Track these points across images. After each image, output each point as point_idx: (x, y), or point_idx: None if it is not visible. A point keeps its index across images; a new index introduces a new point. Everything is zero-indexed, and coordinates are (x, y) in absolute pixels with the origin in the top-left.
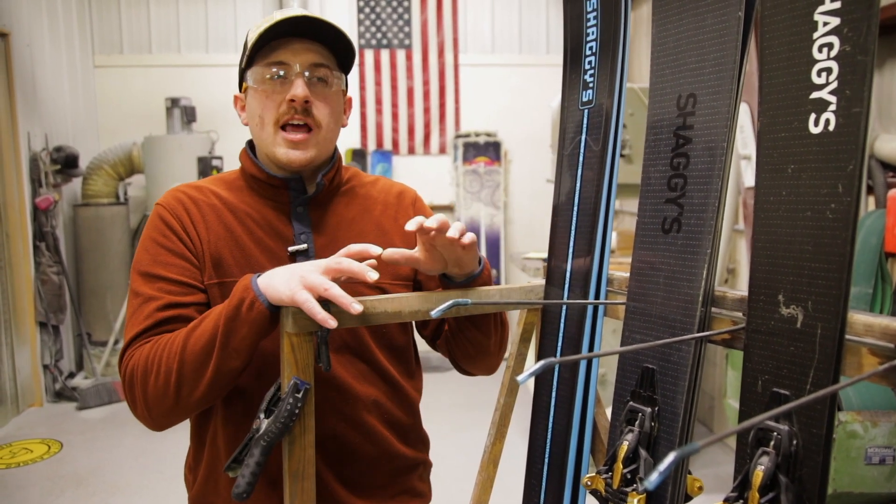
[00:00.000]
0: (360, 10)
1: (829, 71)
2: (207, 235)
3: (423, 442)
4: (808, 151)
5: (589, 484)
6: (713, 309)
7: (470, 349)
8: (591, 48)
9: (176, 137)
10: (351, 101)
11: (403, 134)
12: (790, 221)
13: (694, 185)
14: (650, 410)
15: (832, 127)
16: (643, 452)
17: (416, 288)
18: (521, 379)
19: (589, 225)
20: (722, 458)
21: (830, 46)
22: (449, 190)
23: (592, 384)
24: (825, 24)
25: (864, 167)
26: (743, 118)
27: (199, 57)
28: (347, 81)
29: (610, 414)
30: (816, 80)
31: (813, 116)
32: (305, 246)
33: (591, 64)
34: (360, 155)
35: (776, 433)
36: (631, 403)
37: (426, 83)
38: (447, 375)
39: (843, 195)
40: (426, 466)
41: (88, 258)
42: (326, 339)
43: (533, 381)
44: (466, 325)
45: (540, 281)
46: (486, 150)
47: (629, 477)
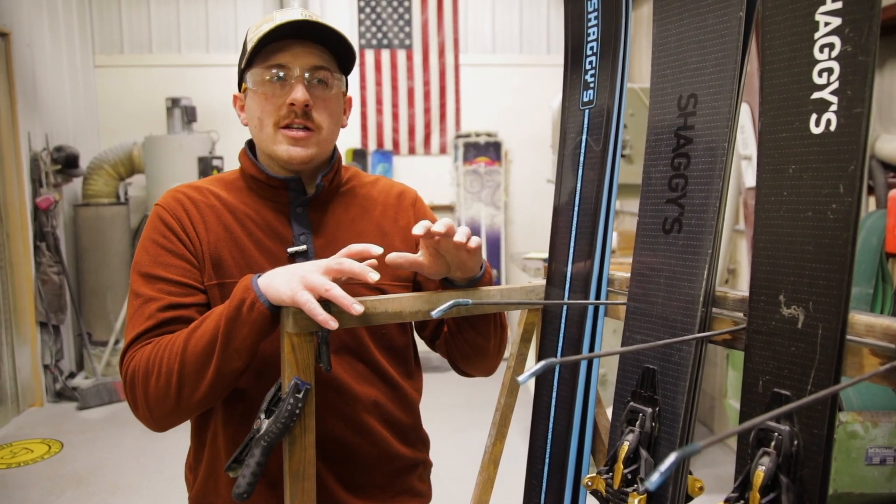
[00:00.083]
0: (360, 10)
1: (830, 71)
2: (207, 236)
3: (423, 442)
4: (809, 152)
5: (590, 484)
6: (714, 309)
7: (468, 351)
8: (591, 48)
9: (176, 137)
10: (351, 100)
11: (404, 134)
12: (791, 222)
13: (695, 185)
14: (651, 411)
15: (833, 127)
16: (644, 453)
17: (415, 289)
18: (521, 379)
19: (590, 225)
20: (722, 458)
21: (832, 47)
22: (449, 190)
23: (593, 384)
24: (826, 24)
25: (865, 167)
26: (744, 118)
27: (199, 57)
28: (348, 82)
29: (611, 414)
30: (817, 80)
31: (814, 117)
32: (305, 247)
33: (591, 64)
34: (360, 155)
35: (777, 434)
36: (632, 404)
37: (427, 83)
38: (447, 375)
39: (844, 195)
40: (426, 466)
41: (89, 258)
42: (327, 339)
43: (533, 381)
44: (465, 326)
45: (541, 281)
46: (486, 150)
47: (630, 477)
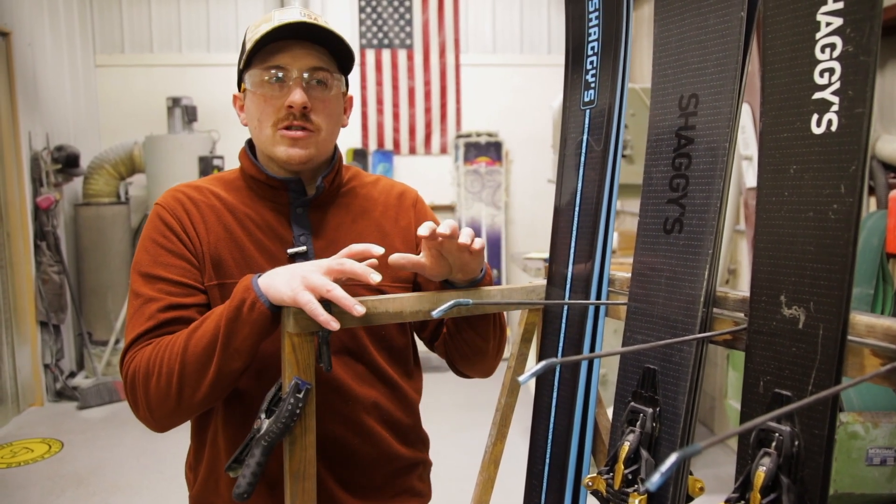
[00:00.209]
0: (361, 9)
1: (831, 71)
2: (207, 237)
3: (422, 442)
4: (810, 152)
5: (590, 484)
6: (715, 309)
7: (467, 352)
8: (592, 48)
9: (177, 137)
10: (352, 99)
11: (405, 134)
12: (792, 222)
13: (696, 185)
14: (651, 411)
15: (835, 127)
16: (644, 453)
17: (415, 290)
18: (522, 379)
19: (591, 225)
20: (723, 458)
21: (833, 47)
22: (450, 190)
23: (594, 385)
24: (828, 24)
25: (866, 168)
26: (744, 119)
27: (200, 56)
28: (348, 81)
29: (611, 414)
30: (819, 80)
31: (815, 117)
32: (305, 248)
33: (592, 64)
34: (361, 155)
35: (778, 434)
36: (632, 404)
37: (427, 83)
38: (447, 375)
39: (845, 196)
40: (426, 466)
41: (89, 257)
42: (328, 339)
43: (534, 381)
44: (465, 327)
45: (541, 281)
46: (487, 150)
47: (630, 477)
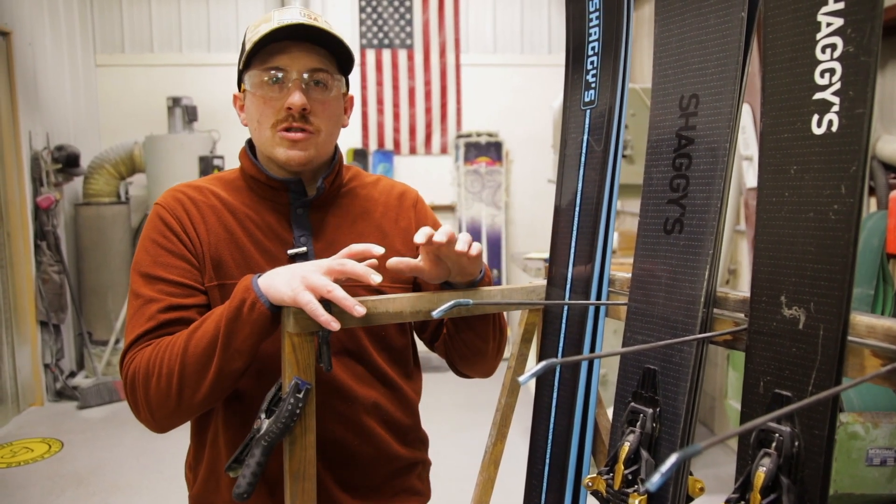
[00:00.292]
0: (361, 9)
1: (832, 72)
2: (208, 237)
3: (422, 442)
4: (810, 152)
5: (590, 485)
6: (715, 310)
7: (467, 353)
8: (593, 48)
9: (177, 137)
10: (352, 99)
11: (405, 134)
12: (792, 222)
13: (696, 185)
14: (652, 411)
15: (835, 128)
16: (644, 453)
17: (415, 290)
18: (522, 380)
19: (591, 225)
20: (723, 459)
21: (834, 47)
22: (450, 190)
23: (594, 385)
24: (828, 24)
25: (866, 168)
26: (745, 119)
27: (200, 56)
28: (348, 81)
29: (611, 415)
30: (819, 80)
31: (816, 117)
32: (305, 249)
33: (593, 64)
34: (361, 155)
35: (778, 434)
36: (632, 404)
37: (428, 83)
38: (447, 375)
39: (846, 196)
40: (425, 466)
41: (89, 257)
42: (328, 339)
43: (534, 381)
44: (464, 328)
45: (541, 281)
46: (487, 150)
47: (630, 478)
